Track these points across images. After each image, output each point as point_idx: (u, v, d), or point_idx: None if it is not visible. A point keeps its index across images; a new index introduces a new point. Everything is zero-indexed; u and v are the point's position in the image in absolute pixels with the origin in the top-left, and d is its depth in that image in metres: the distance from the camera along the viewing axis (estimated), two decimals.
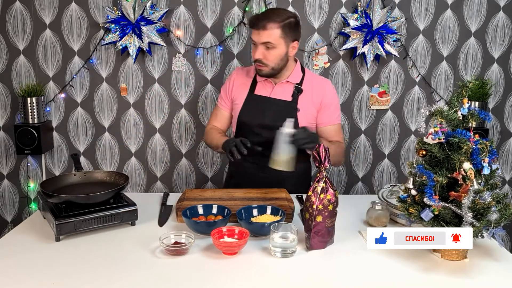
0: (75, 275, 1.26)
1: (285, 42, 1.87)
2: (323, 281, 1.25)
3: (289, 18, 1.87)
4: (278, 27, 1.83)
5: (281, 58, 1.89)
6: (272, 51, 1.87)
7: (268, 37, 1.84)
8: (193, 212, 1.57)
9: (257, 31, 1.85)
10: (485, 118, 1.35)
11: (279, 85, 1.97)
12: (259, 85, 2.00)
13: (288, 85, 1.97)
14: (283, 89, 1.97)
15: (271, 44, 1.85)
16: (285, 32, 1.85)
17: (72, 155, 1.83)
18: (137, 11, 2.55)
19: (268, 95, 1.97)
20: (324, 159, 1.40)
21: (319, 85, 2.00)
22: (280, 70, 1.93)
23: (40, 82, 2.69)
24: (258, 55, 1.87)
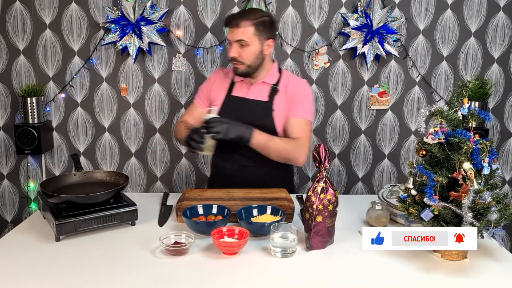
0: (75, 275, 1.26)
1: (259, 39, 1.89)
2: (323, 281, 1.25)
3: (263, 17, 1.90)
4: (251, 24, 1.86)
5: (256, 56, 1.90)
6: (246, 49, 1.88)
7: (242, 34, 1.86)
8: (193, 212, 1.57)
9: (231, 29, 1.88)
10: (485, 118, 1.35)
11: (255, 85, 1.98)
12: (237, 86, 2.01)
13: (264, 85, 1.97)
14: (259, 90, 1.97)
15: (245, 41, 1.86)
16: (259, 29, 1.87)
17: (72, 155, 1.83)
18: (137, 11, 2.55)
19: (245, 96, 1.98)
20: (324, 159, 1.40)
21: (294, 84, 1.99)
22: (256, 69, 1.94)
23: (40, 82, 2.69)
24: (233, 53, 1.89)
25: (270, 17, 1.94)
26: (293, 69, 2.71)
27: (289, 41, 2.67)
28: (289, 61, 2.70)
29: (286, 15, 2.65)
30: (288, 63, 2.71)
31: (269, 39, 1.92)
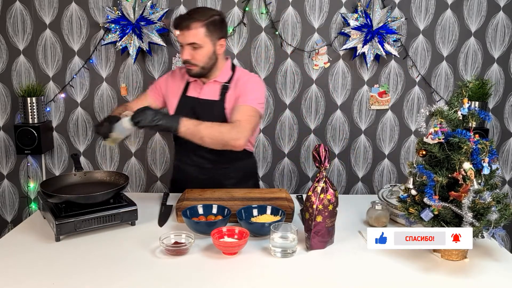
0: (75, 275, 1.26)
1: (211, 40, 1.83)
2: (323, 281, 1.25)
3: (213, 16, 1.83)
4: (202, 25, 1.80)
5: (209, 57, 1.86)
6: (199, 51, 1.83)
7: (193, 37, 1.80)
8: (193, 212, 1.57)
9: (181, 32, 1.82)
10: (485, 118, 1.35)
11: (208, 85, 1.94)
12: (191, 86, 1.98)
13: (216, 84, 1.93)
14: (211, 89, 1.93)
15: (197, 44, 1.81)
16: (210, 30, 1.81)
17: (72, 155, 1.82)
18: (137, 11, 2.55)
19: (198, 96, 1.94)
20: (324, 159, 1.40)
21: (243, 79, 1.94)
22: (210, 69, 1.90)
23: (40, 82, 2.69)
24: (186, 56, 1.83)
25: (220, 16, 1.87)
26: (293, 69, 2.71)
27: (289, 41, 2.67)
28: (289, 61, 2.70)
29: (286, 15, 2.65)
30: (288, 63, 2.71)
31: (221, 38, 1.87)
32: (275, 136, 2.81)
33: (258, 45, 2.69)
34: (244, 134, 1.77)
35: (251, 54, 2.69)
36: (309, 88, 2.74)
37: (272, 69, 2.71)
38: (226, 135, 1.74)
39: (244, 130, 1.78)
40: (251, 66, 2.70)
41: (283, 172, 2.86)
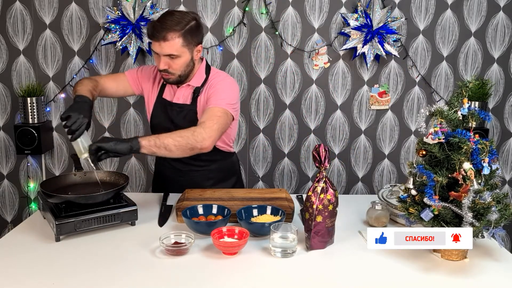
0: (75, 275, 1.26)
1: (189, 49, 1.78)
2: (323, 281, 1.25)
3: (189, 23, 1.76)
4: (179, 36, 1.73)
5: (186, 65, 1.81)
6: (177, 61, 1.78)
7: (170, 48, 1.74)
8: (193, 212, 1.57)
9: (157, 43, 1.73)
10: (485, 118, 1.35)
11: (181, 89, 1.90)
12: (167, 88, 1.94)
13: (189, 88, 1.89)
14: (184, 93, 1.90)
15: (174, 55, 1.75)
16: (187, 39, 1.75)
17: (72, 155, 1.82)
18: (137, 11, 2.55)
19: (171, 100, 1.92)
20: (324, 159, 1.40)
21: (213, 82, 1.89)
22: (187, 76, 1.86)
23: (40, 82, 2.69)
24: (163, 66, 1.78)
25: (196, 20, 1.80)
26: (293, 69, 2.71)
27: (289, 41, 2.67)
28: (289, 61, 2.70)
29: (286, 15, 2.65)
30: (288, 63, 2.71)
31: (198, 44, 1.83)
32: (275, 136, 2.81)
33: (258, 45, 2.69)
34: (209, 134, 1.69)
35: (251, 54, 2.69)
36: (309, 88, 2.74)
37: (272, 69, 2.72)
38: (191, 139, 1.66)
39: (209, 131, 1.69)
40: (251, 66, 2.70)
41: (283, 172, 2.86)
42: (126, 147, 1.55)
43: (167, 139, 1.62)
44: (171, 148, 1.63)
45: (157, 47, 1.75)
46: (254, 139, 2.81)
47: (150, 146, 1.59)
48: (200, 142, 1.66)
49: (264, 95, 2.75)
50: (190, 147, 1.66)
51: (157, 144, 1.61)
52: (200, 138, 1.66)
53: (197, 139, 1.66)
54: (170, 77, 1.82)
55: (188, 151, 1.67)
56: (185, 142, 1.65)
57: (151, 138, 1.61)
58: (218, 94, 1.82)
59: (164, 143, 1.62)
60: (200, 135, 1.67)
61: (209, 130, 1.69)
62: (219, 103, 1.79)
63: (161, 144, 1.61)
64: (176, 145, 1.63)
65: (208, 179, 1.99)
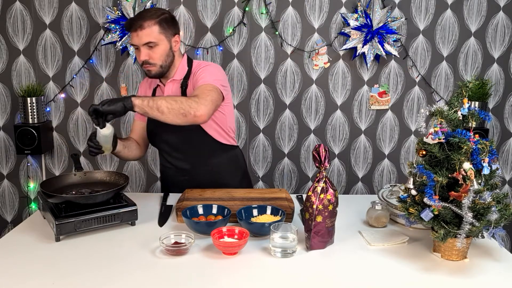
0: (75, 275, 1.26)
1: (166, 37, 1.83)
2: (323, 281, 1.25)
3: (164, 14, 1.83)
4: (154, 23, 1.79)
5: (166, 54, 1.85)
6: (156, 49, 1.82)
7: (148, 36, 1.79)
8: (193, 212, 1.57)
9: (135, 33, 1.79)
10: (485, 118, 1.35)
11: (167, 85, 1.92)
12: (157, 91, 1.97)
13: (175, 82, 1.91)
14: (172, 88, 1.92)
15: (153, 42, 1.80)
16: (163, 27, 1.81)
17: (72, 155, 1.83)
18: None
19: None
20: (324, 159, 1.40)
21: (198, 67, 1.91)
22: (168, 68, 1.88)
23: (40, 82, 2.70)
24: (144, 57, 1.81)
25: (169, 14, 1.88)
26: (293, 69, 2.71)
27: (289, 41, 2.68)
28: (289, 61, 2.70)
29: (286, 15, 2.65)
30: (288, 63, 2.71)
31: (175, 34, 1.87)
32: (275, 136, 2.81)
33: (258, 45, 2.69)
34: (204, 103, 1.68)
35: (251, 54, 2.69)
36: (309, 88, 2.74)
37: (272, 69, 2.72)
38: (184, 104, 1.65)
39: (203, 101, 1.69)
40: (251, 66, 2.70)
41: (283, 172, 2.86)
42: (119, 106, 1.58)
43: (160, 100, 1.63)
44: (163, 110, 1.63)
45: (135, 38, 1.80)
46: (254, 139, 2.81)
47: (143, 105, 1.61)
48: (194, 108, 1.65)
49: (264, 95, 2.75)
50: (183, 112, 1.65)
51: (150, 104, 1.62)
52: (194, 104, 1.66)
53: (191, 105, 1.65)
54: (152, 69, 1.84)
55: (181, 116, 1.65)
56: (178, 106, 1.64)
57: (145, 98, 1.63)
58: (204, 74, 1.84)
59: (157, 104, 1.62)
60: (194, 102, 1.66)
61: (203, 100, 1.69)
62: (207, 80, 1.81)
63: (153, 104, 1.62)
64: (168, 107, 1.63)
65: (213, 175, 1.96)
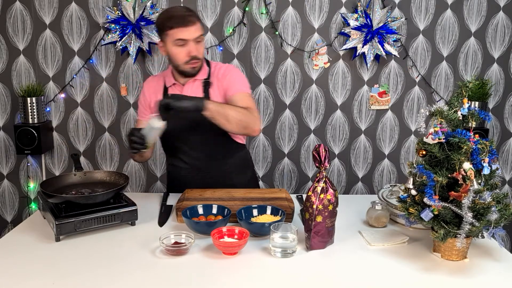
0: (75, 275, 1.26)
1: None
2: (323, 281, 1.25)
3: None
4: (197, 19, 1.82)
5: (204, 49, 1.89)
6: (201, 45, 1.84)
7: (198, 31, 1.81)
8: (193, 212, 1.57)
9: (186, 28, 1.78)
10: (485, 118, 1.35)
11: (188, 84, 1.91)
12: (170, 90, 1.94)
13: (196, 82, 1.91)
14: (193, 88, 1.90)
15: (201, 36, 1.82)
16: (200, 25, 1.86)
17: (72, 155, 1.82)
18: (137, 11, 2.55)
19: None
20: (324, 159, 1.40)
21: (222, 72, 1.93)
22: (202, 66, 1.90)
23: (40, 82, 2.70)
24: (195, 51, 1.81)
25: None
26: (293, 69, 2.71)
27: (289, 41, 2.68)
28: (289, 61, 2.70)
29: (286, 15, 2.65)
30: (288, 63, 2.71)
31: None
32: (275, 136, 2.81)
33: (258, 45, 2.69)
34: (259, 117, 1.80)
35: (251, 54, 2.69)
36: (309, 88, 2.74)
37: (272, 69, 2.72)
38: (249, 118, 1.73)
39: (258, 116, 1.80)
40: (251, 66, 2.70)
41: (283, 172, 2.86)
42: (193, 105, 1.62)
43: (230, 110, 1.70)
44: (230, 119, 1.69)
45: (185, 33, 1.79)
46: (254, 139, 2.81)
47: (214, 111, 1.66)
48: (254, 123, 1.74)
49: (264, 95, 2.75)
50: (245, 125, 1.73)
51: (220, 111, 1.67)
52: (254, 119, 1.75)
53: (253, 120, 1.74)
54: (197, 65, 1.85)
55: (241, 128, 1.73)
56: (245, 120, 1.72)
57: (218, 105, 1.69)
58: (236, 81, 1.89)
59: (226, 112, 1.68)
60: (253, 117, 1.75)
61: (257, 114, 1.79)
62: (243, 89, 1.87)
63: (223, 112, 1.68)
64: (235, 118, 1.69)
65: (226, 174, 1.96)
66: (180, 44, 1.81)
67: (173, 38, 1.81)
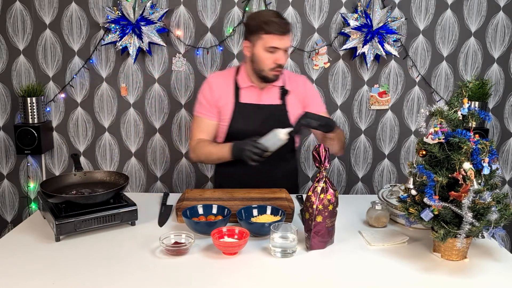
0: (75, 275, 1.26)
1: None
2: (323, 281, 1.25)
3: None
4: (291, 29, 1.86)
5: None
6: (287, 54, 1.87)
7: (289, 40, 1.84)
8: (193, 212, 1.57)
9: (281, 36, 1.79)
10: (485, 118, 1.35)
11: (266, 89, 1.93)
12: (244, 92, 1.93)
13: (274, 88, 1.93)
14: (270, 93, 1.93)
15: (288, 47, 1.85)
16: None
17: (72, 155, 1.83)
18: (137, 11, 2.55)
19: (257, 102, 1.93)
20: (324, 159, 1.40)
21: (298, 82, 1.99)
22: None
23: (40, 82, 2.69)
24: (282, 60, 1.83)
25: None
26: (293, 69, 2.71)
27: None
28: (289, 61, 2.70)
29: (286, 15, 2.65)
30: (288, 63, 2.71)
31: None
32: None
33: None
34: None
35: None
36: None
37: None
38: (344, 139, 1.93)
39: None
40: None
41: None
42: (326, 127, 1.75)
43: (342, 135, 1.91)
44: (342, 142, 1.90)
45: (279, 41, 1.80)
46: None
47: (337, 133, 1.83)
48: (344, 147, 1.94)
49: None
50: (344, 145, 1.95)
51: (339, 135, 1.86)
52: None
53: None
54: (280, 72, 1.88)
55: (341, 149, 1.92)
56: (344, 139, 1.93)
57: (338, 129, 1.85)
58: (316, 98, 2.04)
59: (341, 136, 1.88)
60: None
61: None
62: (323, 108, 2.03)
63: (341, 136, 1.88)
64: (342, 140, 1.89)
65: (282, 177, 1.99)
66: (271, 51, 1.81)
67: (267, 44, 1.80)
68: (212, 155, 1.90)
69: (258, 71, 1.87)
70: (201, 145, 1.93)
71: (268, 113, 1.92)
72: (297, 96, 1.95)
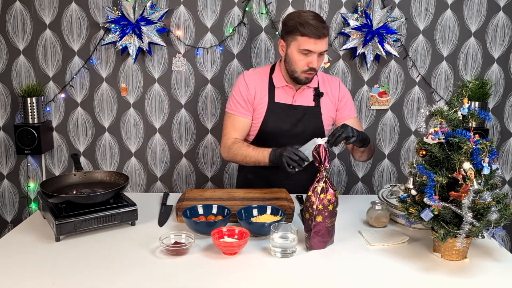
0: (75, 275, 1.26)
1: None
2: (323, 281, 1.25)
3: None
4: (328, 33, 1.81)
5: None
6: (322, 57, 1.84)
7: (326, 45, 1.81)
8: (193, 212, 1.57)
9: (317, 40, 1.76)
10: (485, 118, 1.35)
11: (301, 90, 1.93)
12: (279, 92, 1.92)
13: (308, 90, 1.93)
14: (304, 95, 1.93)
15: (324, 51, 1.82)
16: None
17: (72, 155, 1.83)
18: (137, 11, 2.55)
19: (292, 102, 1.92)
20: (324, 159, 1.40)
21: (332, 84, 1.99)
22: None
23: (40, 82, 2.69)
24: (315, 64, 1.80)
25: None
26: None
27: None
28: None
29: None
30: None
31: None
32: None
33: (258, 45, 2.69)
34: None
35: (251, 54, 2.69)
36: None
37: None
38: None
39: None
40: (251, 66, 2.70)
41: None
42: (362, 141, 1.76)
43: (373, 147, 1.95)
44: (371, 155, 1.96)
45: (315, 46, 1.78)
46: None
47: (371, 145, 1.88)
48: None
49: None
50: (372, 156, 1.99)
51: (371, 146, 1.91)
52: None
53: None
54: (312, 76, 1.87)
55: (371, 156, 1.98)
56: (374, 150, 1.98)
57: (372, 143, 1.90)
58: (349, 103, 2.03)
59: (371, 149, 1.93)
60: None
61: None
62: (355, 113, 2.04)
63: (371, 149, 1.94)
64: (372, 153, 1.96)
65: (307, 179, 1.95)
66: (305, 53, 1.79)
67: (301, 46, 1.78)
68: (250, 158, 1.87)
69: (291, 72, 1.87)
70: (238, 146, 1.90)
71: (301, 114, 1.91)
72: (331, 98, 1.95)
